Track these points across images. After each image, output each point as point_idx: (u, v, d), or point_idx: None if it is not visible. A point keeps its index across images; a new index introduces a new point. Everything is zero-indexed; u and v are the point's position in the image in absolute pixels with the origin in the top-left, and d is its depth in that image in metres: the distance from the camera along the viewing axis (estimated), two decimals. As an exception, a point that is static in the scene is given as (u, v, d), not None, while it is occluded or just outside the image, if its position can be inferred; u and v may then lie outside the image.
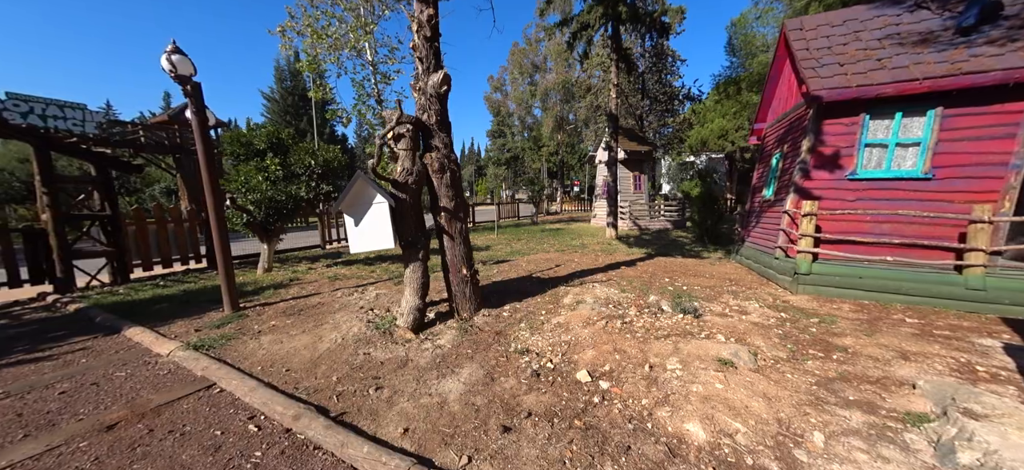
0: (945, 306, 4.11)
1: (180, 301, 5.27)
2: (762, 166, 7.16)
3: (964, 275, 4.04)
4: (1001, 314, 3.86)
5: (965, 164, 4.27)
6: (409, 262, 3.84)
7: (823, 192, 4.95)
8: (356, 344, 3.45)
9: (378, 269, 7.23)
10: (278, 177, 6.67)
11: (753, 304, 4.42)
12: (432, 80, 3.82)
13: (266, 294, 5.43)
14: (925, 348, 3.06)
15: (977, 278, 3.96)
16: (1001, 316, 3.82)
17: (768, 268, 5.60)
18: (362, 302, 4.88)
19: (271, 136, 6.81)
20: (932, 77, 4.16)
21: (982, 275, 3.96)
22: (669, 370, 2.77)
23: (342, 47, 12.89)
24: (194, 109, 4.26)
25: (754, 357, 2.98)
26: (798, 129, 5.51)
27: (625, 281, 5.72)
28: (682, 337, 3.44)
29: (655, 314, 4.19)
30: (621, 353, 3.12)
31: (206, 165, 4.36)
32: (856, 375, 2.68)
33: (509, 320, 4.09)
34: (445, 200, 3.95)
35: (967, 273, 4.02)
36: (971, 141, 4.23)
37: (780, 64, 6.56)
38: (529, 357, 3.14)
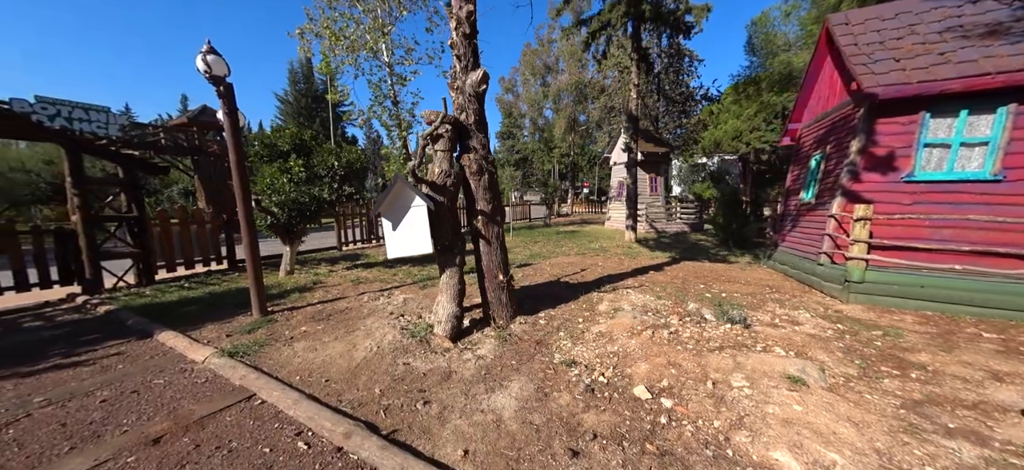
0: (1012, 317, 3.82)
1: (207, 304, 5.23)
2: (797, 168, 6.87)
3: (1038, 285, 3.76)
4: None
5: (1040, 165, 3.97)
6: (445, 267, 3.71)
7: (875, 195, 4.68)
8: (393, 353, 3.33)
9: (400, 272, 7.14)
10: (301, 179, 6.63)
11: (803, 314, 4.18)
12: (471, 78, 3.69)
13: (292, 298, 5.36)
14: (1018, 368, 2.80)
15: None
16: (1084, 331, 3.53)
17: (811, 275, 5.33)
18: (390, 307, 4.77)
19: (295, 138, 6.77)
20: (1006, 71, 3.88)
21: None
22: (735, 387, 2.58)
23: (359, 49, 12.97)
24: (227, 110, 4.20)
25: (823, 374, 2.77)
26: (844, 129, 5.24)
27: (658, 287, 5.51)
28: (737, 350, 3.23)
29: (699, 323, 3.99)
30: (676, 367, 2.93)
31: (238, 167, 4.30)
32: (946, 398, 2.45)
33: (547, 328, 3.93)
34: (482, 203, 3.81)
35: (1042, 283, 3.73)
36: (1046, 140, 3.93)
37: (819, 62, 6.28)
38: (578, 370, 2.97)
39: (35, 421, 2.35)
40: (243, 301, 5.20)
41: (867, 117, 4.66)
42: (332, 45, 12.72)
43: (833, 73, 5.80)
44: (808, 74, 6.54)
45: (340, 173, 6.85)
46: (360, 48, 12.89)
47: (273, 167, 6.56)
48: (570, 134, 26.97)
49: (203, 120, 21.92)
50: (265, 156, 6.67)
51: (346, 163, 6.81)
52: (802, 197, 6.30)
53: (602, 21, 10.68)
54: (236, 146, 4.28)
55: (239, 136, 4.36)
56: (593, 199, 39.32)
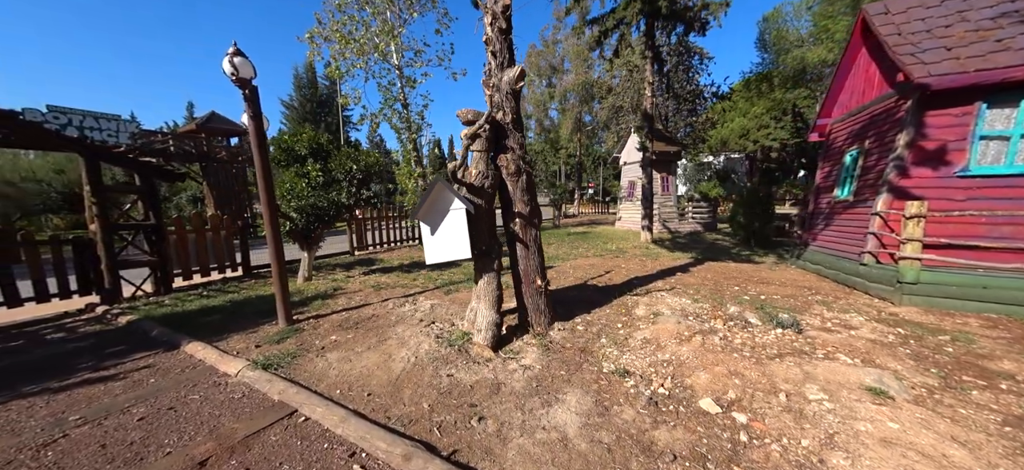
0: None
1: (229, 312, 5.11)
2: (828, 164, 6.65)
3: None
4: None
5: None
6: (483, 272, 3.55)
7: (924, 191, 4.47)
8: (434, 364, 3.17)
9: (419, 277, 6.99)
10: (319, 183, 6.52)
11: (855, 317, 3.97)
12: (507, 76, 3.54)
13: (314, 305, 5.22)
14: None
15: None
16: None
17: (853, 275, 5.12)
18: (418, 314, 4.62)
19: (312, 141, 6.66)
20: None
21: None
22: (813, 400, 2.39)
23: (369, 51, 12.89)
24: (251, 114, 4.08)
25: (902, 385, 2.57)
26: (886, 122, 5.03)
27: (691, 289, 5.32)
28: (798, 357, 3.05)
29: (746, 328, 3.80)
30: (739, 376, 2.75)
31: (263, 173, 4.17)
32: (1050, 410, 2.25)
33: (587, 334, 3.76)
34: (520, 205, 3.65)
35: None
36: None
37: (852, 55, 6.08)
38: (633, 380, 2.80)
39: (73, 442, 2.21)
40: (265, 309, 5.08)
41: (916, 109, 4.45)
42: (342, 49, 12.71)
43: (869, 65, 5.59)
44: (839, 68, 6.33)
45: (359, 177, 6.73)
46: (370, 51, 12.88)
47: (290, 171, 6.46)
48: (576, 134, 26.79)
49: (211, 126, 22.00)
50: (282, 161, 6.57)
51: (365, 167, 6.69)
52: (836, 194, 6.08)
53: (617, 18, 10.51)
54: (261, 151, 4.16)
55: (264, 141, 4.24)
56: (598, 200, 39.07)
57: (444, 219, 3.26)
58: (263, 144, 4.19)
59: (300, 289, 6.27)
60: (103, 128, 15.27)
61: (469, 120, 3.42)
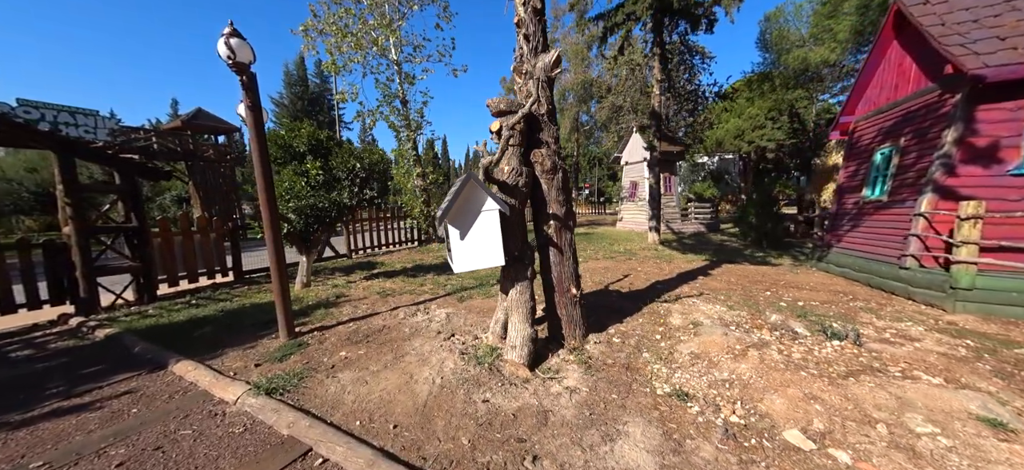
0: None
1: (222, 324, 4.63)
2: (854, 163, 6.43)
3: None
4: None
5: None
6: (516, 281, 3.17)
7: (974, 191, 4.23)
8: (464, 386, 2.78)
9: (427, 282, 6.57)
10: (319, 182, 6.06)
11: (913, 326, 3.70)
12: (541, 62, 3.17)
13: (317, 315, 4.78)
14: None
15: None
16: None
17: (890, 279, 4.87)
18: (434, 325, 4.22)
19: (312, 137, 6.20)
20: None
21: None
22: (922, 434, 2.07)
23: (366, 46, 12.38)
24: (249, 104, 3.63)
25: (1008, 410, 2.27)
26: (927, 118, 4.79)
27: (721, 294, 5.02)
28: (872, 375, 2.74)
29: (796, 339, 3.50)
30: (818, 401, 2.42)
31: (263, 169, 3.73)
32: None
33: (625, 348, 3.41)
34: (555, 206, 3.29)
35: None
36: None
37: (882, 50, 5.85)
38: (697, 406, 2.45)
39: (31, 504, 1.77)
40: (263, 319, 4.62)
41: (966, 104, 4.21)
42: (338, 42, 12.17)
43: (903, 59, 5.36)
44: (867, 64, 6.10)
45: (361, 176, 6.28)
46: (368, 45, 12.37)
47: (288, 170, 5.99)
48: (574, 134, 26.52)
49: (198, 123, 21.11)
50: (279, 158, 6.08)
51: (369, 165, 6.24)
52: (865, 194, 5.85)
53: (627, 12, 10.22)
54: (260, 144, 3.71)
55: (264, 133, 3.80)
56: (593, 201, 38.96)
57: (475, 221, 2.87)
58: (262, 137, 3.74)
59: (299, 296, 5.80)
60: (79, 124, 14.44)
61: (502, 110, 3.04)
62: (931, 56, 4.68)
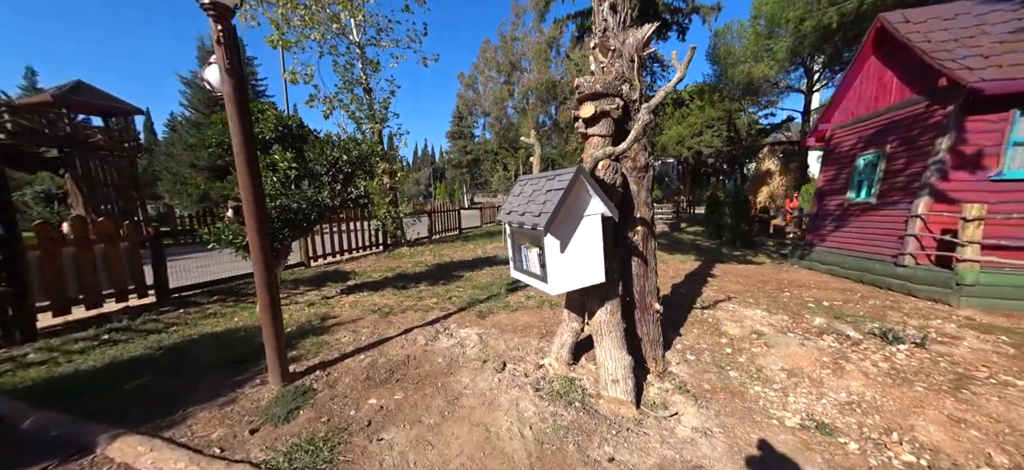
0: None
1: (166, 368, 3.37)
2: (833, 167, 6.96)
3: None
4: None
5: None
6: (606, 300, 2.63)
7: (961, 194, 4.66)
8: (570, 438, 2.18)
9: (425, 294, 5.70)
10: (290, 178, 4.89)
11: (945, 324, 3.90)
12: (632, 37, 2.68)
13: (308, 346, 3.74)
14: None
15: None
16: None
17: (887, 277, 5.24)
18: (469, 351, 3.50)
19: (280, 123, 4.98)
20: None
21: None
22: None
23: (323, 22, 10.82)
24: (227, 66, 2.59)
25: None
26: (915, 126, 5.23)
27: (749, 297, 4.99)
28: (972, 384, 2.71)
29: (858, 344, 3.46)
30: (968, 424, 2.28)
31: (246, 156, 2.71)
32: None
33: (709, 368, 3.07)
34: (643, 209, 2.82)
35: None
36: None
37: (861, 64, 6.36)
38: (850, 442, 2.15)
39: None
40: (229, 356, 3.49)
41: (958, 114, 4.61)
42: (285, 15, 10.44)
43: (883, 73, 5.85)
44: (847, 76, 6.62)
45: (346, 171, 5.21)
46: (325, 21, 10.81)
47: (250, 160, 4.72)
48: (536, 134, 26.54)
49: (77, 100, 16.76)
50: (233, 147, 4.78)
51: (357, 157, 5.19)
52: (850, 197, 6.32)
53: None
54: (244, 123, 2.69)
55: (247, 109, 2.77)
56: (551, 200, 39.56)
57: (577, 230, 2.28)
58: (246, 114, 2.72)
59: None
60: None
61: (597, 92, 2.49)
62: (918, 69, 5.11)
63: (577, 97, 2.63)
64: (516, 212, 2.52)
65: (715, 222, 10.83)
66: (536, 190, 2.44)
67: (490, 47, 29.38)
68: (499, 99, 27.10)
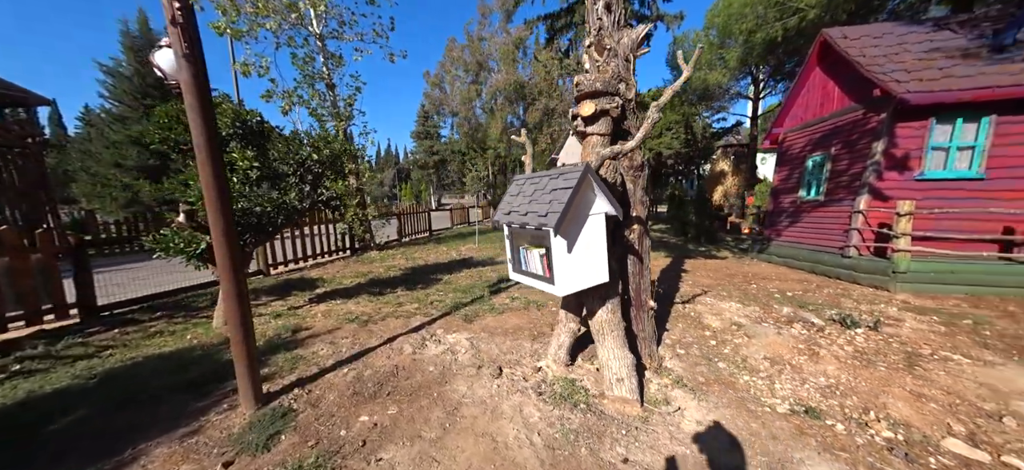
0: (1018, 294, 4.62)
1: (104, 399, 2.88)
2: (786, 168, 7.60)
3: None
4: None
5: (1011, 166, 4.90)
6: (607, 299, 2.63)
7: (894, 192, 5.25)
8: (582, 442, 2.14)
9: (405, 300, 5.44)
10: (251, 178, 4.45)
11: (887, 308, 4.36)
12: (627, 37, 2.71)
13: (281, 362, 3.40)
14: None
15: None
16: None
17: (835, 267, 5.79)
18: (461, 357, 3.37)
19: (238, 118, 4.50)
20: (999, 86, 4.67)
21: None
22: None
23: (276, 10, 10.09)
24: (185, 50, 2.27)
25: (1034, 375, 2.69)
26: (854, 131, 5.82)
27: (722, 290, 5.27)
28: (922, 361, 3.04)
29: (822, 330, 3.78)
30: (927, 398, 2.53)
31: (209, 152, 2.39)
32: None
33: (699, 361, 3.19)
34: (639, 207, 2.86)
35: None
36: (1017, 145, 4.87)
37: (808, 74, 6.99)
38: (837, 423, 2.31)
39: None
40: (184, 380, 3.08)
41: (890, 121, 5.19)
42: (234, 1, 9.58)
43: (826, 82, 6.46)
44: (796, 84, 7.25)
45: (316, 170, 4.83)
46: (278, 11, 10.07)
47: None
48: (504, 134, 26.54)
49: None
50: (186, 143, 4.26)
51: (329, 157, 4.83)
52: (801, 195, 6.92)
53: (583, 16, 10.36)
54: (206, 114, 2.38)
55: (210, 99, 2.45)
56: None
57: (583, 229, 2.25)
58: (208, 104, 2.40)
59: (226, 336, 4.14)
60: None
61: (598, 90, 2.48)
62: (856, 80, 5.71)
63: (576, 95, 2.61)
64: (517, 212, 2.45)
65: (681, 220, 11.43)
66: (538, 189, 2.38)
67: (456, 46, 28.99)
68: (467, 99, 26.79)
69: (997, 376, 2.80)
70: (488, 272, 7.20)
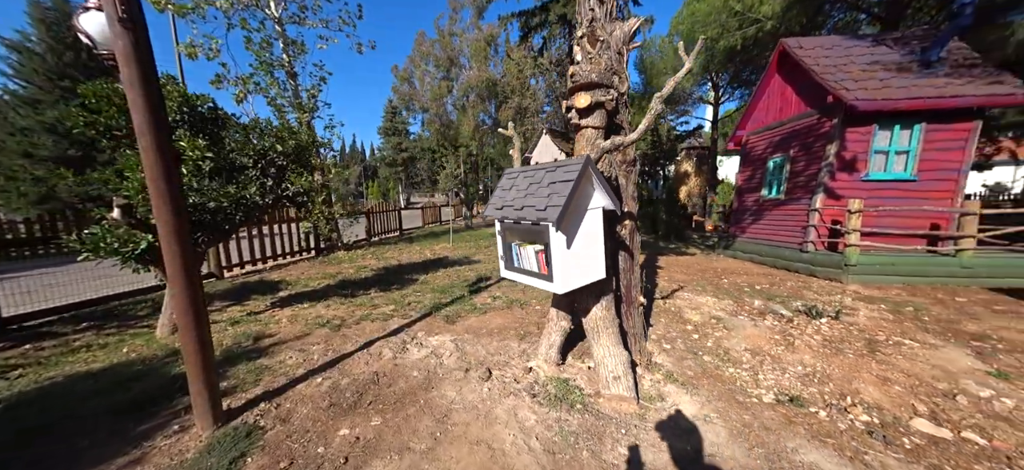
0: (949, 283, 5.17)
1: (17, 429, 2.43)
2: (749, 169, 8.05)
3: (959, 256, 5.17)
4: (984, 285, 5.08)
5: (937, 169, 5.49)
6: (602, 295, 2.59)
7: (844, 192, 5.71)
8: (583, 444, 2.07)
9: (379, 301, 5.13)
10: (202, 170, 3.97)
11: (843, 298, 4.70)
12: (620, 30, 2.67)
13: (242, 374, 3.05)
14: None
15: (970, 258, 5.12)
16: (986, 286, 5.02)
17: (794, 261, 6.21)
18: (446, 361, 3.21)
19: (187, 102, 4.00)
20: (927, 98, 5.22)
21: (972, 255, 5.13)
22: (982, 395, 2.49)
23: (227, -11, 9.26)
24: (121, 12, 1.92)
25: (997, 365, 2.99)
26: (810, 135, 6.26)
27: (697, 285, 5.46)
28: (881, 347, 3.28)
29: (791, 321, 4.00)
30: (892, 382, 2.71)
31: (154, 133, 2.06)
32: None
33: (685, 354, 3.25)
34: (631, 203, 2.84)
35: (962, 255, 5.15)
36: (940, 151, 5.46)
37: (768, 80, 7.44)
38: (819, 410, 2.42)
39: None
40: (122, 399, 2.70)
41: (841, 126, 5.63)
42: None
43: (785, 89, 6.91)
44: (758, 89, 7.69)
45: (279, 163, 4.41)
46: (229, -12, 9.23)
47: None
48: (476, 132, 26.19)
49: None
50: (121, 128, 3.71)
51: (294, 148, 4.42)
52: (763, 194, 7.35)
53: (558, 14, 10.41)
54: (148, 86, 2.04)
55: (154, 70, 2.12)
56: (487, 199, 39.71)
57: (581, 224, 2.17)
58: (152, 77, 2.07)
59: (173, 347, 3.67)
60: None
61: (594, 82, 2.41)
62: (811, 87, 6.14)
63: (570, 86, 2.53)
64: (512, 207, 2.33)
65: (651, 218, 11.83)
66: (533, 183, 2.28)
67: (426, 40, 28.18)
68: (438, 95, 26.12)
69: (943, 357, 3.08)
70: (466, 271, 7.01)
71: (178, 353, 3.48)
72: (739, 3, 10.33)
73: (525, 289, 5.41)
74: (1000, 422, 2.25)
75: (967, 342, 3.38)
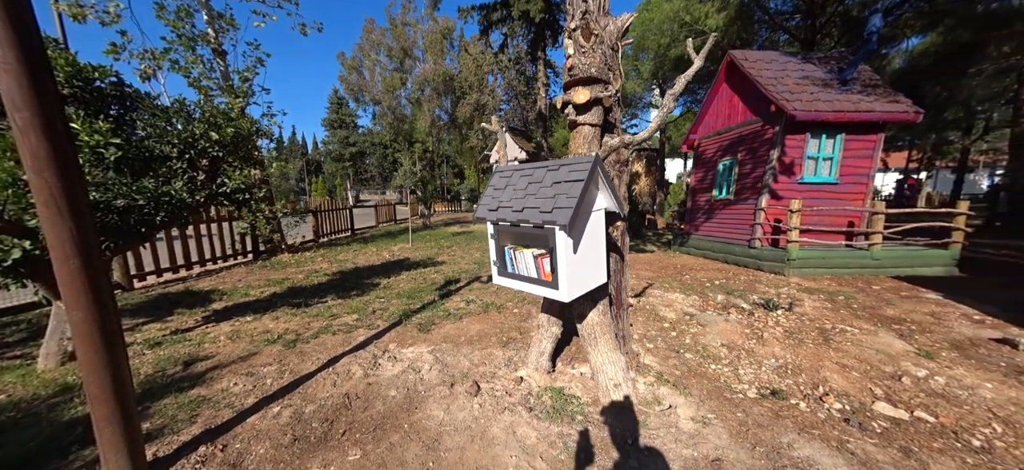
0: (864, 273, 5.94)
1: None
2: (701, 170, 8.62)
3: (871, 250, 5.95)
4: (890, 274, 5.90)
5: (853, 174, 6.29)
6: (598, 300, 2.49)
7: (785, 193, 6.31)
8: (591, 462, 1.95)
9: (340, 311, 4.62)
10: (106, 159, 3.22)
11: (791, 291, 5.16)
12: (613, 24, 2.58)
13: (170, 410, 2.49)
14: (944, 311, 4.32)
15: (880, 251, 5.91)
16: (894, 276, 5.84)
17: (743, 257, 6.74)
18: (427, 375, 2.93)
19: (78, 73, 3.21)
20: (845, 111, 5.95)
21: (880, 249, 5.93)
22: (919, 374, 2.79)
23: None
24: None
25: (919, 346, 3.39)
26: (756, 140, 6.83)
27: (665, 283, 5.68)
28: (831, 335, 3.61)
29: (751, 315, 4.28)
30: (848, 368, 2.96)
31: (40, 111, 1.54)
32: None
33: (669, 353, 3.30)
34: (624, 204, 2.77)
35: (873, 249, 5.94)
36: (855, 159, 6.26)
37: (717, 88, 8.00)
38: (799, 402, 2.55)
39: None
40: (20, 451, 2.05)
41: (782, 133, 6.20)
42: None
43: (732, 96, 7.48)
44: (709, 96, 8.24)
45: (214, 153, 3.73)
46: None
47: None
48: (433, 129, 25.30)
49: None
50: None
51: (232, 137, 3.75)
52: (715, 194, 7.90)
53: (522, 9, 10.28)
54: (20, 33, 1.53)
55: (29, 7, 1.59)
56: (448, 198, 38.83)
57: (586, 227, 2.04)
58: (31, 33, 1.56)
59: (65, 382, 2.93)
60: None
61: (593, 77, 2.29)
62: (755, 96, 6.70)
63: (566, 81, 2.39)
64: (509, 208, 2.13)
65: (607, 217, 12.25)
66: (534, 182, 2.11)
67: (376, 29, 26.62)
68: (390, 87, 24.79)
69: (880, 342, 3.46)
70: (431, 274, 6.63)
71: (73, 389, 2.78)
72: (689, 15, 11.07)
73: (498, 291, 5.23)
74: (939, 399, 2.55)
75: (890, 325, 3.86)
